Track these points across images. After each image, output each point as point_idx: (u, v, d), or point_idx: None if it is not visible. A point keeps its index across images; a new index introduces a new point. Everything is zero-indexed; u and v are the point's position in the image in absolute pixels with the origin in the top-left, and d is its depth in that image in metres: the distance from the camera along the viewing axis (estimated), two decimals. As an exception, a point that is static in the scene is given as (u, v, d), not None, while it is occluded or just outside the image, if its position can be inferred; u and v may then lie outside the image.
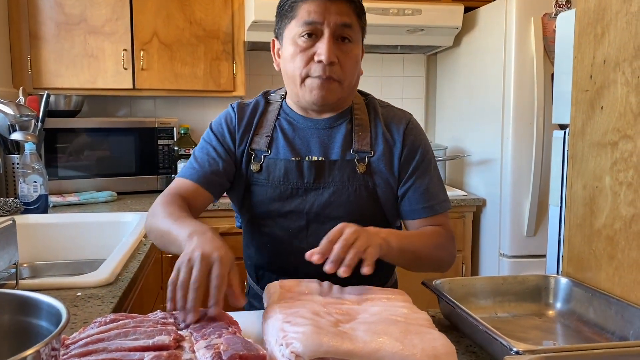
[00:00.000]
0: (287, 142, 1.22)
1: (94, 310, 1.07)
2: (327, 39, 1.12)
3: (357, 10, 1.15)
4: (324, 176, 1.19)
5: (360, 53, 1.20)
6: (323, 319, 0.83)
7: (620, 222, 0.99)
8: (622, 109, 0.99)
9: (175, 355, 0.75)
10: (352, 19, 1.14)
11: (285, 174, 1.19)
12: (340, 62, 1.14)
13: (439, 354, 0.75)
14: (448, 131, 3.14)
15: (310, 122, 1.24)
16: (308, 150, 1.22)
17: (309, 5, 1.12)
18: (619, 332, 0.94)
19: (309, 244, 1.17)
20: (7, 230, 1.15)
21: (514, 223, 2.49)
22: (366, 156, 1.20)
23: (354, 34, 1.15)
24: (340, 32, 1.13)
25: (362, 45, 1.21)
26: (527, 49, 2.41)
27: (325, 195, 1.18)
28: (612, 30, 1.02)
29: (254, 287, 1.31)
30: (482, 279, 1.15)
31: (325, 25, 1.12)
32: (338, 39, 1.14)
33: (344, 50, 1.14)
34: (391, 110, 1.28)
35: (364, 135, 1.22)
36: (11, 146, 2.27)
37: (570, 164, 1.14)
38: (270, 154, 1.22)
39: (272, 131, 1.24)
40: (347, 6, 1.13)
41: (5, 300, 0.68)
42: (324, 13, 1.11)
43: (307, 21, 1.12)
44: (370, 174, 1.20)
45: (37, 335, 0.65)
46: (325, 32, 1.12)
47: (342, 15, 1.12)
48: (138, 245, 1.57)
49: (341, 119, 1.24)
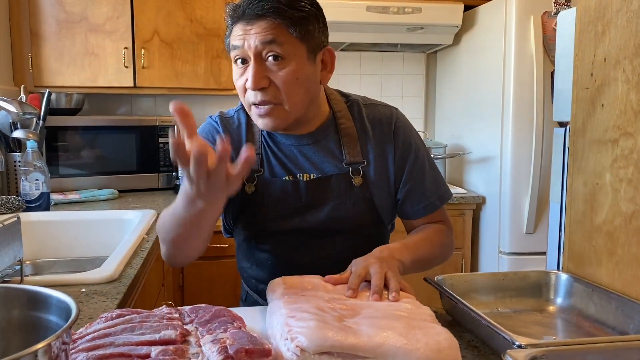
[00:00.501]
0: (277, 160, 1.18)
1: (98, 306, 1.08)
2: (251, 65, 1.04)
3: (287, 22, 1.03)
4: (321, 193, 1.16)
5: (305, 65, 1.07)
6: (327, 314, 0.84)
7: (621, 219, 1.01)
8: (623, 106, 1.00)
9: (182, 350, 0.76)
10: (276, 34, 1.03)
11: (281, 195, 1.16)
12: (275, 83, 1.05)
13: (442, 348, 0.76)
14: (448, 129, 3.15)
15: (292, 139, 1.18)
16: (298, 167, 1.17)
17: (235, 31, 1.07)
18: (620, 327, 0.95)
19: (310, 257, 1.18)
20: (12, 227, 1.15)
21: (514, 220, 2.50)
22: (360, 166, 1.17)
23: (283, 49, 1.03)
24: (266, 51, 1.04)
25: (310, 53, 1.08)
26: (527, 47, 2.42)
27: (324, 212, 1.16)
28: (613, 28, 1.03)
29: (253, 295, 1.28)
30: (483, 275, 1.16)
31: (247, 49, 1.04)
32: (267, 59, 1.04)
33: (274, 70, 1.05)
34: (375, 109, 1.23)
35: (352, 144, 1.17)
36: (13, 144, 2.28)
37: (571, 161, 1.15)
38: (262, 174, 1.17)
39: (261, 148, 1.18)
40: (270, 22, 1.03)
41: (14, 295, 0.69)
42: (244, 36, 1.04)
43: (233, 46, 1.07)
44: (367, 185, 1.17)
45: (47, 329, 0.66)
46: (250, 57, 1.04)
47: (263, 33, 1.02)
48: (140, 242, 1.58)
49: (325, 131, 1.19)
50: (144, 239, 1.64)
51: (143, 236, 1.65)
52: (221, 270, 2.44)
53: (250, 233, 1.22)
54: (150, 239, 1.66)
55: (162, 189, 2.72)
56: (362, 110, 1.22)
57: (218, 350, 0.74)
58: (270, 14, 1.03)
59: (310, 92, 1.11)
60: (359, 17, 2.65)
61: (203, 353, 0.76)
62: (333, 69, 1.15)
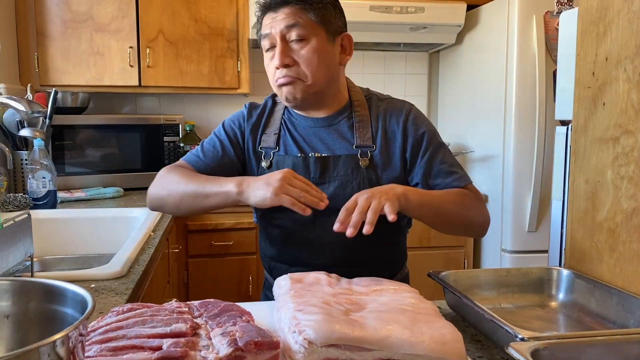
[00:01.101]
0: (293, 140, 1.29)
1: (108, 301, 1.10)
2: (278, 46, 1.19)
3: (307, 6, 1.19)
4: (329, 171, 1.24)
5: (325, 45, 1.22)
6: (334, 307, 0.85)
7: (622, 215, 1.02)
8: (624, 105, 1.02)
9: (192, 342, 0.78)
10: (297, 18, 1.18)
11: (293, 169, 1.22)
12: (298, 62, 1.19)
13: (447, 341, 0.78)
14: (450, 128, 3.16)
15: (310, 120, 1.29)
16: (312, 147, 1.27)
17: (264, 21, 1.22)
18: (620, 322, 0.97)
19: (316, 235, 1.22)
20: (23, 223, 1.17)
21: (516, 219, 2.52)
22: (368, 150, 1.25)
23: (305, 31, 1.18)
24: (289, 35, 1.19)
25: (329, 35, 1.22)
26: (529, 47, 2.44)
27: (330, 189, 1.23)
28: (614, 28, 1.05)
29: (269, 279, 1.35)
30: (486, 271, 1.18)
31: (274, 34, 1.19)
32: (291, 41, 1.19)
33: (298, 49, 1.19)
34: (391, 103, 1.32)
35: (365, 130, 1.26)
36: (19, 143, 2.30)
37: (573, 159, 1.17)
38: (278, 151, 1.28)
39: (279, 130, 1.31)
40: (292, 8, 1.18)
41: (31, 288, 0.71)
42: (271, 24, 1.20)
43: (263, 35, 1.22)
44: (373, 168, 1.24)
45: (63, 321, 0.68)
46: (277, 40, 1.19)
47: (285, 19, 1.18)
48: (147, 239, 1.60)
49: (341, 115, 1.29)
50: (151, 236, 1.66)
51: (149, 233, 1.67)
52: (225, 267, 2.46)
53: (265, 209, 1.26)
54: (156, 236, 1.68)
55: (166, 187, 2.73)
56: (378, 103, 1.31)
57: (228, 343, 0.76)
58: (293, 1, 1.18)
59: (330, 69, 1.24)
60: (362, 17, 2.67)
61: (213, 345, 0.78)
62: (351, 52, 1.30)
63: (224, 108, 3.08)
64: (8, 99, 1.71)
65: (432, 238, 2.64)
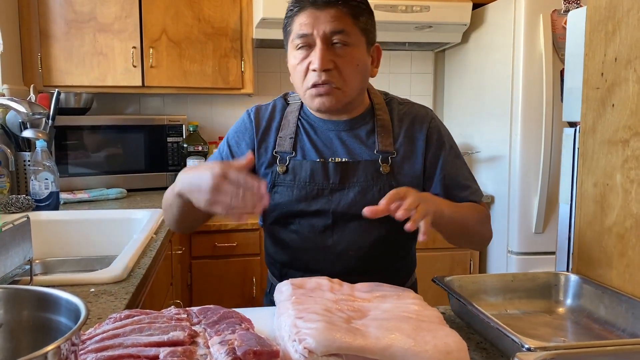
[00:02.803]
0: (312, 144, 1.24)
1: (107, 306, 1.09)
2: (318, 48, 1.12)
3: (352, 12, 1.14)
4: (349, 177, 1.21)
5: (364, 55, 1.18)
6: (335, 315, 0.84)
7: (631, 220, 1.00)
8: (634, 106, 0.99)
9: (190, 351, 0.76)
10: (344, 23, 1.12)
11: (311, 175, 1.21)
12: (338, 68, 1.14)
13: (451, 350, 0.76)
14: (456, 128, 3.13)
15: (330, 124, 1.25)
16: (332, 151, 1.23)
17: (300, 18, 1.14)
18: (630, 329, 0.94)
19: (334, 242, 1.20)
20: (22, 227, 1.16)
21: (522, 220, 2.49)
22: (389, 156, 1.22)
23: (349, 38, 1.14)
24: (333, 38, 1.13)
25: (367, 45, 1.19)
26: (536, 46, 2.41)
27: (350, 195, 1.20)
28: (624, 27, 1.02)
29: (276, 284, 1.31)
30: (492, 276, 1.15)
31: (315, 35, 1.13)
32: (333, 45, 1.14)
33: (340, 55, 1.14)
34: (412, 108, 1.29)
35: (386, 135, 1.23)
36: (22, 144, 2.29)
37: (581, 161, 1.14)
38: (295, 156, 1.24)
39: (295, 133, 1.25)
40: (339, 11, 1.12)
41: (24, 296, 0.70)
42: (313, 24, 1.12)
43: (299, 34, 1.14)
44: (393, 174, 1.21)
45: (57, 330, 0.67)
46: (317, 42, 1.13)
47: (332, 22, 1.12)
48: (149, 242, 1.59)
49: (362, 120, 1.25)
50: (153, 238, 1.65)
51: (152, 235, 1.66)
52: (229, 269, 2.45)
53: (279, 214, 1.25)
54: (158, 238, 1.66)
55: (170, 188, 2.72)
56: (399, 107, 1.28)
57: (226, 352, 0.74)
58: (341, 3, 1.12)
59: (364, 80, 1.21)
60: (367, 16, 2.65)
61: (211, 354, 0.76)
62: (379, 65, 1.26)
63: (227, 108, 3.06)
64: (9, 100, 1.70)
65: (438, 240, 2.59)
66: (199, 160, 2.64)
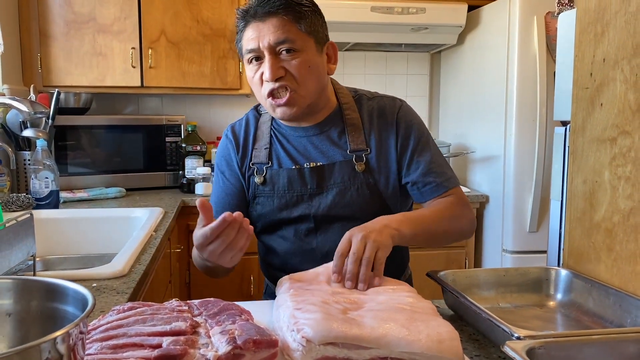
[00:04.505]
0: (286, 152, 1.26)
1: (110, 300, 1.11)
2: (266, 60, 1.14)
3: (294, 18, 1.14)
4: (325, 179, 1.22)
5: (315, 56, 1.18)
6: (332, 306, 0.86)
7: (619, 215, 1.03)
8: (621, 105, 1.02)
9: (192, 340, 0.79)
10: (287, 31, 1.13)
11: (289, 183, 1.23)
12: (290, 73, 1.14)
13: (444, 339, 0.78)
14: (452, 128, 3.17)
15: (301, 130, 1.26)
16: (306, 157, 1.24)
17: (247, 32, 1.16)
18: (617, 321, 0.97)
19: (318, 244, 1.22)
20: (25, 223, 1.18)
21: (517, 219, 2.52)
22: (363, 154, 1.23)
23: (295, 44, 1.14)
24: (278, 48, 1.14)
25: (317, 45, 1.18)
26: (530, 47, 2.44)
27: (329, 198, 1.22)
28: (612, 29, 1.05)
29: (271, 286, 1.35)
30: (485, 270, 1.18)
31: (262, 47, 1.14)
32: (281, 52, 1.14)
33: (289, 61, 1.14)
34: (381, 101, 1.28)
35: (357, 134, 1.24)
36: (22, 143, 2.31)
37: (571, 159, 1.17)
38: (271, 165, 1.26)
39: (270, 143, 1.27)
40: (281, 19, 1.13)
41: (33, 286, 0.72)
42: (258, 37, 1.14)
43: (248, 49, 1.16)
44: (370, 172, 1.22)
45: (64, 319, 0.69)
46: (265, 53, 1.14)
47: (275, 32, 1.13)
48: (149, 239, 1.61)
49: (331, 121, 1.26)
50: (152, 235, 1.67)
51: (151, 233, 1.68)
52: (227, 267, 2.47)
53: (264, 222, 1.28)
54: (158, 236, 1.69)
55: (168, 188, 2.75)
56: (368, 102, 1.28)
57: (227, 341, 0.77)
58: (281, 10, 1.13)
59: (320, 80, 1.20)
60: (364, 18, 2.68)
61: (212, 343, 0.79)
62: (337, 60, 1.25)
63: (225, 109, 3.09)
64: (11, 99, 1.73)
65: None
66: (197, 161, 2.66)
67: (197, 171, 2.60)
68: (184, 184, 2.66)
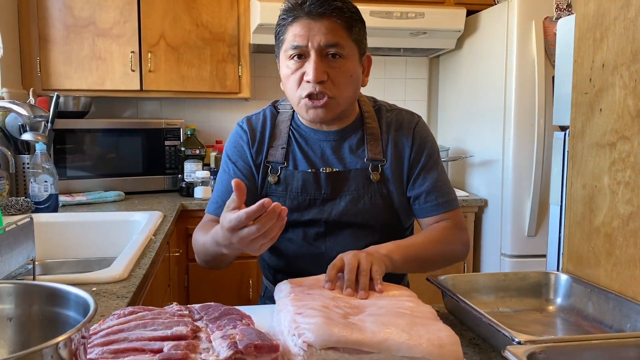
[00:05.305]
0: (303, 154, 1.25)
1: (109, 304, 1.11)
2: (313, 60, 1.13)
3: (346, 25, 1.14)
4: (340, 186, 1.23)
5: (357, 66, 1.19)
6: (333, 311, 0.86)
7: (618, 220, 1.03)
8: (620, 111, 1.03)
9: (193, 345, 0.79)
10: (339, 36, 1.13)
11: (303, 186, 1.23)
12: (332, 78, 1.14)
13: (444, 343, 0.78)
14: (450, 133, 3.17)
15: (321, 134, 1.26)
16: (323, 161, 1.24)
17: (294, 28, 1.14)
18: (617, 326, 0.98)
19: (327, 248, 1.22)
20: (25, 227, 1.18)
21: (515, 223, 2.53)
22: (379, 164, 1.24)
23: (343, 50, 1.14)
24: (327, 50, 1.13)
25: (359, 56, 1.20)
26: (529, 52, 2.45)
27: (342, 204, 1.22)
28: (611, 35, 1.06)
29: (270, 288, 1.34)
30: (484, 275, 1.18)
31: (310, 47, 1.13)
32: (327, 55, 1.14)
33: (334, 67, 1.14)
34: (399, 114, 1.30)
35: (375, 144, 1.25)
36: (21, 146, 2.31)
37: (570, 164, 1.18)
38: (287, 166, 1.25)
39: (287, 143, 1.26)
40: (333, 23, 1.13)
41: (34, 291, 0.72)
42: (308, 35, 1.12)
43: (293, 45, 1.14)
44: (384, 182, 1.23)
45: (66, 324, 0.69)
46: (312, 53, 1.13)
47: (327, 34, 1.12)
48: (148, 243, 1.61)
49: (352, 129, 1.27)
50: (151, 239, 1.67)
51: (150, 237, 1.68)
52: (226, 271, 2.46)
53: None
54: (157, 239, 1.69)
55: (167, 191, 2.75)
56: (387, 114, 1.29)
57: (228, 346, 0.77)
58: (335, 13, 1.13)
59: (356, 90, 1.22)
60: (363, 22, 2.69)
61: (213, 348, 0.79)
62: (369, 73, 1.27)
63: (224, 112, 3.09)
64: (11, 103, 1.73)
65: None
66: (196, 164, 2.66)
67: (196, 175, 2.60)
68: (183, 188, 2.66)
